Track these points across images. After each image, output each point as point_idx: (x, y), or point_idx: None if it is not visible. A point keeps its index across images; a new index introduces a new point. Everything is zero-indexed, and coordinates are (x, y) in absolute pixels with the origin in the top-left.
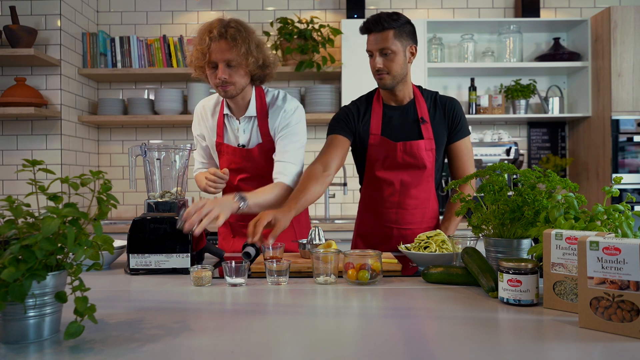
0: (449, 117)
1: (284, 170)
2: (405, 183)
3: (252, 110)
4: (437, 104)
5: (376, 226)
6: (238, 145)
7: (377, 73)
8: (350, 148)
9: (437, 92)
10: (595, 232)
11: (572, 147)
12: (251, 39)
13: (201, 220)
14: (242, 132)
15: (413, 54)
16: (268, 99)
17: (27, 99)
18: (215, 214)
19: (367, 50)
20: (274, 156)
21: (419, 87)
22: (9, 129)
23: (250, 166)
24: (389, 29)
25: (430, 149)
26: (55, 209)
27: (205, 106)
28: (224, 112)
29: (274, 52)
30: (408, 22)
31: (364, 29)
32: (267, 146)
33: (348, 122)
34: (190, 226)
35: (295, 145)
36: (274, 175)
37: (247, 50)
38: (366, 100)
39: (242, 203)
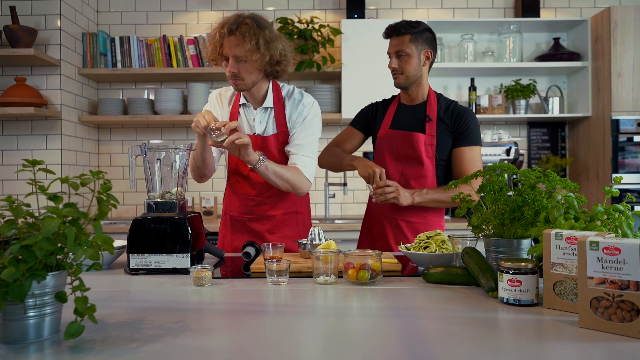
0: (456, 122)
1: (301, 162)
2: (405, 175)
3: (269, 101)
4: (450, 109)
5: (377, 216)
6: (254, 134)
7: (392, 73)
8: (367, 138)
9: (455, 102)
10: (595, 232)
11: (572, 147)
12: (261, 35)
13: (229, 137)
14: (259, 123)
15: (428, 58)
16: (284, 92)
17: (27, 99)
18: (247, 139)
19: (387, 53)
20: (287, 148)
21: (439, 94)
22: (9, 129)
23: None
24: (405, 34)
25: (430, 145)
26: (55, 209)
27: (222, 95)
28: (241, 102)
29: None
30: (427, 30)
31: (386, 34)
32: (282, 137)
33: (365, 116)
34: (226, 130)
35: (311, 139)
36: (291, 165)
37: (254, 47)
38: (390, 100)
39: (262, 157)
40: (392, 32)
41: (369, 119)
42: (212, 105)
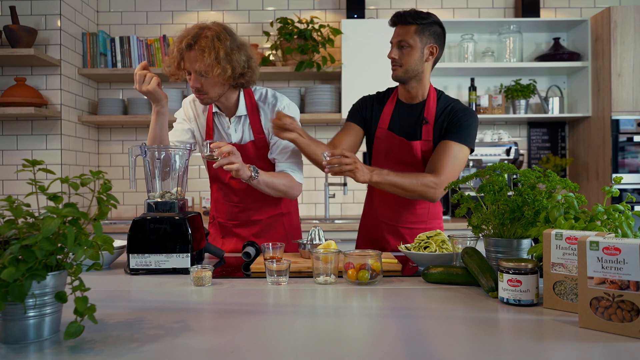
0: (452, 119)
1: (289, 167)
2: None
3: (242, 109)
4: (447, 110)
5: (376, 221)
6: (230, 142)
7: (391, 63)
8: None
9: (456, 101)
10: (595, 232)
11: (572, 147)
12: (221, 48)
13: (225, 160)
14: (234, 131)
15: (432, 54)
16: (257, 96)
17: (27, 99)
18: (236, 166)
19: (390, 42)
20: (272, 156)
21: (440, 93)
22: (9, 129)
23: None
24: (412, 24)
25: (427, 150)
26: (55, 209)
27: (196, 101)
28: (214, 111)
29: (274, 52)
30: (436, 23)
31: (392, 22)
32: (261, 143)
33: (361, 111)
34: (218, 154)
35: None
36: (279, 171)
37: (214, 61)
38: (385, 94)
39: (255, 174)
40: (399, 20)
41: (365, 113)
42: (186, 112)
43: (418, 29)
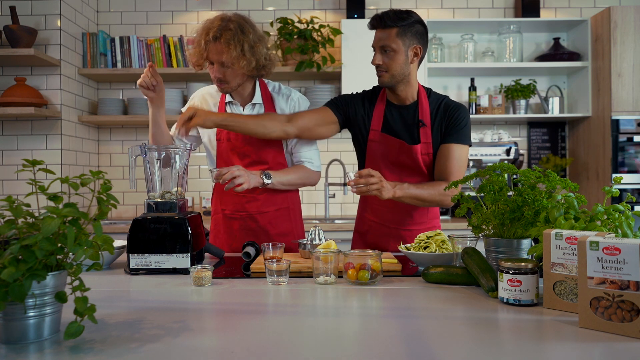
0: (449, 118)
1: (305, 157)
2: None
3: (258, 97)
4: (441, 108)
5: (375, 224)
6: None
7: (376, 70)
8: (340, 131)
9: (446, 97)
10: (595, 232)
11: (572, 147)
12: (245, 41)
13: (231, 181)
14: None
15: (417, 55)
16: (270, 88)
17: (27, 99)
18: (240, 181)
19: (372, 46)
20: (287, 148)
21: (428, 90)
22: (9, 129)
23: (252, 150)
24: (392, 27)
25: (427, 154)
26: (55, 209)
27: (206, 95)
28: (227, 100)
29: (274, 52)
30: (417, 22)
31: (370, 25)
32: None
33: (346, 106)
34: (222, 181)
35: None
36: (296, 163)
37: (240, 54)
38: (372, 94)
39: (267, 179)
40: (378, 23)
41: (350, 111)
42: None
43: (399, 32)
